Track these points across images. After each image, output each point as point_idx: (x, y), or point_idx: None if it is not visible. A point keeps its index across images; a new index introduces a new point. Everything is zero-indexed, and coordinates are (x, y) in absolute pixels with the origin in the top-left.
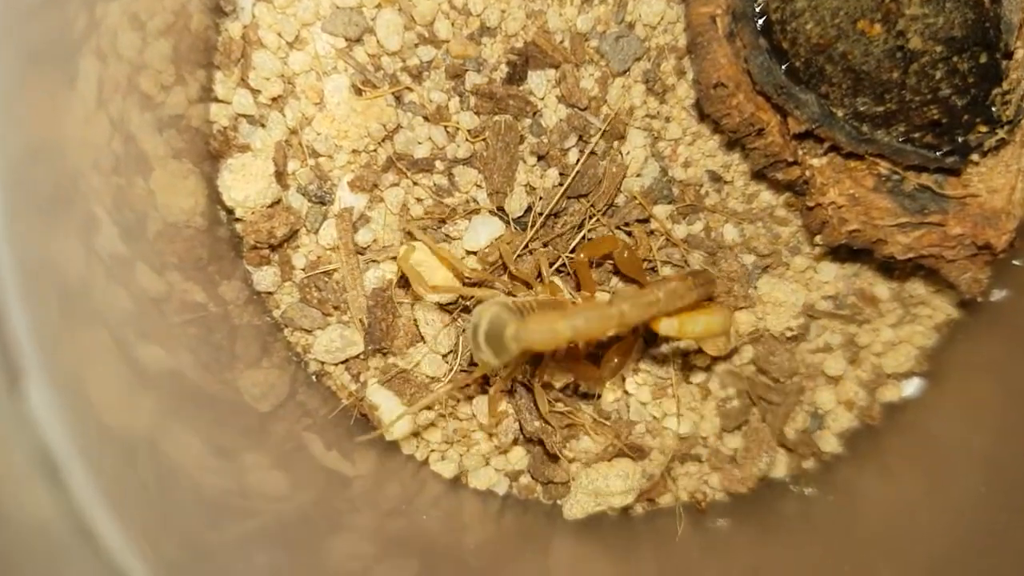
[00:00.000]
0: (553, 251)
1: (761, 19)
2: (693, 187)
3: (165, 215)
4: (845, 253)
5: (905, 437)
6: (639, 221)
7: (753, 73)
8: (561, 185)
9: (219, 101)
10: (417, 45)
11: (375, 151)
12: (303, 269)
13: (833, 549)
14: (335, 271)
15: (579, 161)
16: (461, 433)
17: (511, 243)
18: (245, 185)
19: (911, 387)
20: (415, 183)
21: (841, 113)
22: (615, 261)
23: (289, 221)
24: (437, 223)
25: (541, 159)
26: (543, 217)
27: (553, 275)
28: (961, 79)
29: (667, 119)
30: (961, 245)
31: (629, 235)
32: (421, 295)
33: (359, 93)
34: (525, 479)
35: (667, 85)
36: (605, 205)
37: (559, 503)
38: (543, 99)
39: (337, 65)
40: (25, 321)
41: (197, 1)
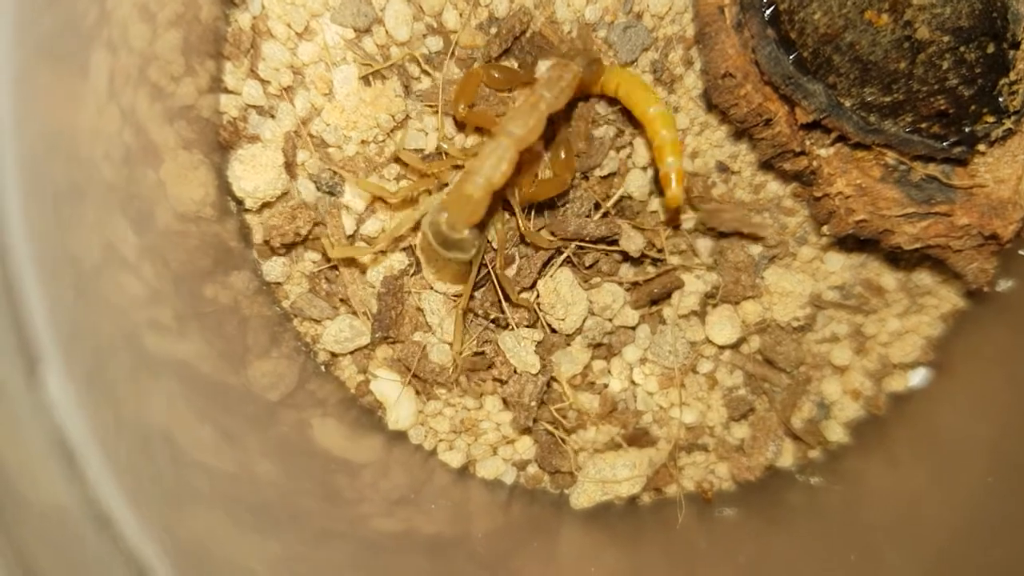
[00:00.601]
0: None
1: (769, 9)
2: (701, 178)
3: (175, 206)
4: (852, 243)
5: (911, 427)
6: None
7: (761, 63)
8: None
9: (229, 92)
10: (426, 35)
11: (384, 141)
12: (314, 261)
13: (839, 538)
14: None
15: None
16: (469, 423)
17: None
18: (255, 176)
19: (917, 377)
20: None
21: (848, 103)
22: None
23: (311, 218)
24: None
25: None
26: None
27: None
28: (968, 69)
29: (675, 109)
30: (968, 235)
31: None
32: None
33: (368, 83)
34: (532, 468)
35: (675, 75)
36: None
37: (566, 492)
38: None
39: (346, 55)
40: (42, 310)
41: None
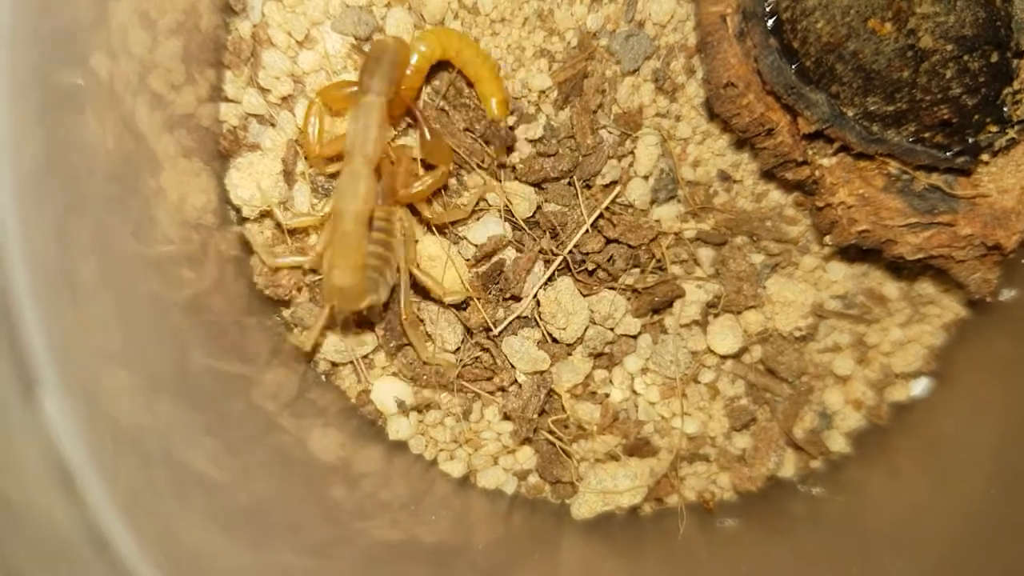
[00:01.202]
0: None
1: (771, 18)
2: (703, 187)
3: (175, 215)
4: (854, 252)
5: (913, 437)
6: None
7: (763, 73)
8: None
9: (229, 100)
10: None
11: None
12: (314, 271)
13: (841, 549)
14: None
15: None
16: (469, 433)
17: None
18: (252, 183)
19: (919, 387)
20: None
21: (851, 113)
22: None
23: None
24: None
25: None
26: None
27: None
28: (972, 78)
29: (677, 118)
30: (971, 245)
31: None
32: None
33: None
34: (533, 478)
35: (677, 84)
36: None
37: (567, 502)
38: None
39: (347, 64)
40: (39, 330)
41: (207, 0)
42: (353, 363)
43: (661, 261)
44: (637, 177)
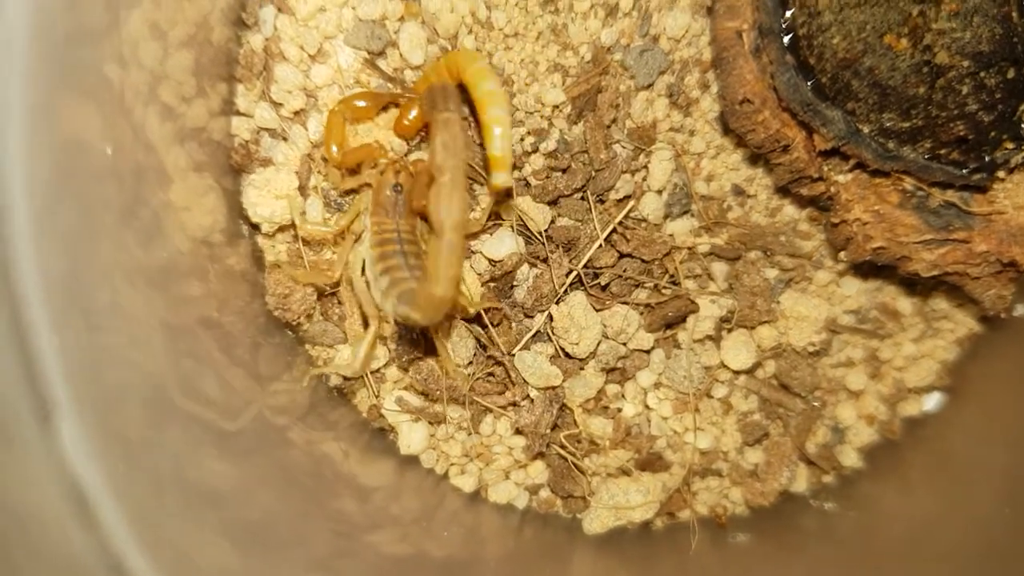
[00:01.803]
0: None
1: (787, 35)
2: (716, 201)
3: (185, 230)
4: (868, 268)
5: (925, 452)
6: None
7: (779, 90)
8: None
9: (241, 114)
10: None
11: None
12: (330, 289)
13: (853, 564)
14: None
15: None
16: (481, 447)
17: None
18: (272, 201)
19: (932, 401)
20: None
21: (867, 129)
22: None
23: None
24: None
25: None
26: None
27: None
28: (988, 94)
29: (691, 132)
30: (986, 262)
31: None
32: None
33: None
34: (545, 493)
35: (691, 98)
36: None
37: (579, 517)
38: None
39: (360, 78)
40: (55, 356)
41: (218, 13)
42: (364, 377)
43: (675, 276)
44: (651, 191)
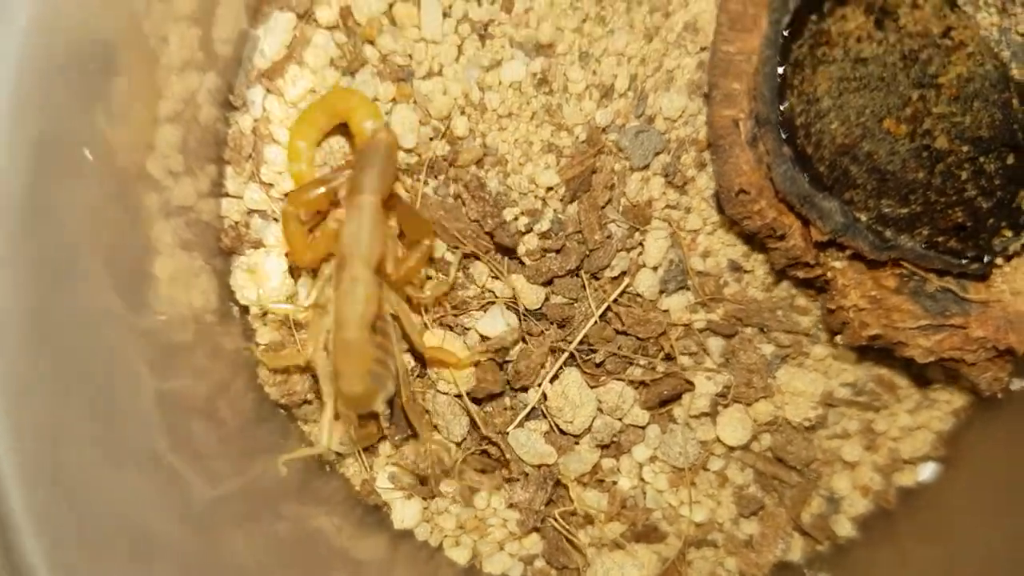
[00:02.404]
0: None
1: (784, 125)
2: (713, 277)
3: (172, 310)
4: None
5: (920, 521)
6: None
7: (776, 182)
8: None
9: (230, 196)
10: (432, 139)
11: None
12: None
13: None
14: None
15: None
16: (475, 521)
17: None
18: (261, 283)
19: (927, 471)
20: (429, 276)
21: (865, 217)
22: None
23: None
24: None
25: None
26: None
27: None
28: (987, 180)
29: (687, 209)
30: (983, 348)
31: None
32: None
33: None
34: (540, 563)
35: (687, 177)
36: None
37: None
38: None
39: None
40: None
41: (205, 92)
42: (357, 454)
43: (670, 352)
44: (646, 268)
